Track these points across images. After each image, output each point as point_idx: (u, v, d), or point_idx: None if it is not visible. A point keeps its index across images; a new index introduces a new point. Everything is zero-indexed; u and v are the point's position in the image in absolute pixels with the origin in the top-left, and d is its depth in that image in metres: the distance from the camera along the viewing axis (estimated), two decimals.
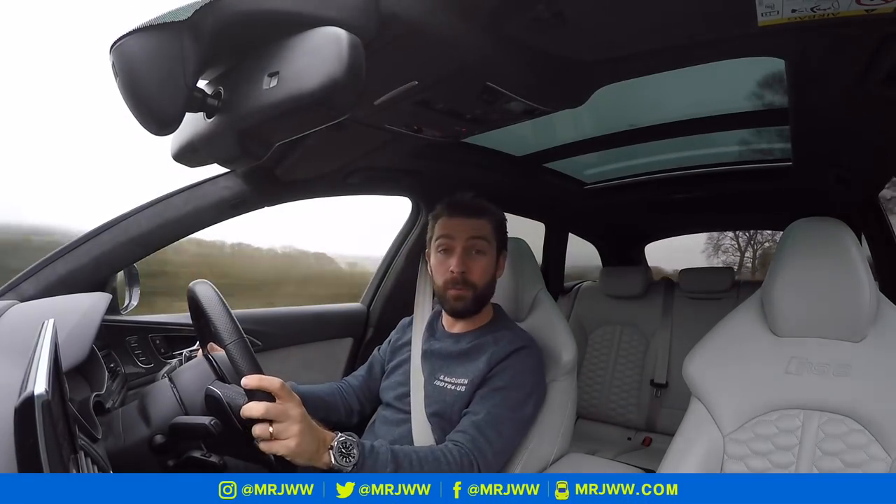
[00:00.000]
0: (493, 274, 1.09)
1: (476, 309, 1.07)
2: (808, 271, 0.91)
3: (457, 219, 1.06)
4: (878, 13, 0.64)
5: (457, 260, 1.03)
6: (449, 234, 1.06)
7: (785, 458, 0.89)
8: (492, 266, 1.08)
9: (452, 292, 1.04)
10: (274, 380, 0.72)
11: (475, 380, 1.00)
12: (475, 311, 1.08)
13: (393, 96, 0.85)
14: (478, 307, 1.08)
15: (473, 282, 1.04)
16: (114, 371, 1.06)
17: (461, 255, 1.04)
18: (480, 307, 1.08)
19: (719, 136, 1.45)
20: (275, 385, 0.72)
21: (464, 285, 1.04)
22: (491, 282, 1.08)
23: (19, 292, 0.98)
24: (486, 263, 1.06)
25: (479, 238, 1.05)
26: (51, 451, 0.43)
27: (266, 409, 0.71)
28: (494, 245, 1.08)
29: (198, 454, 0.83)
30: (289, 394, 0.73)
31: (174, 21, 0.53)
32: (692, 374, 0.99)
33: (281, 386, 0.72)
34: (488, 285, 1.08)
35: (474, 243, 1.05)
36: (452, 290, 1.04)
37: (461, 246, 1.04)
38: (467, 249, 1.04)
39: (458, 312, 1.07)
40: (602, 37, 0.77)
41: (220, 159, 0.74)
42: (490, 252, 1.07)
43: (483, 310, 1.10)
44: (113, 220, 1.08)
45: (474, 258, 1.05)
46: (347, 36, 0.53)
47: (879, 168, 1.42)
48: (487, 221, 1.07)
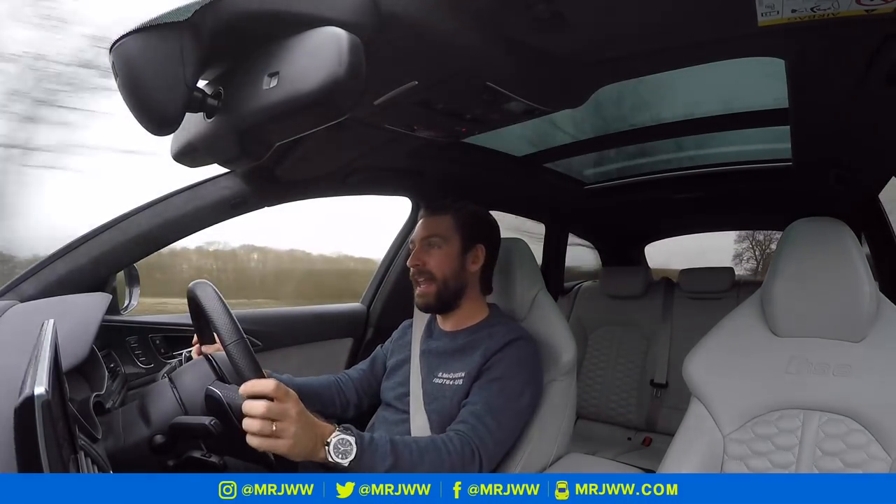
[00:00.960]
0: (459, 265, 1.09)
1: (441, 302, 1.08)
2: (808, 271, 0.91)
3: (422, 219, 1.13)
4: (878, 13, 0.64)
5: (412, 256, 1.09)
6: (414, 235, 1.12)
7: (785, 458, 0.89)
8: (451, 256, 1.08)
9: (417, 289, 1.09)
10: (268, 382, 0.72)
11: (471, 372, 1.01)
12: (442, 306, 1.09)
13: (393, 96, 0.85)
14: (443, 301, 1.08)
15: (430, 271, 1.07)
16: (114, 371, 1.06)
17: (417, 251, 1.09)
18: (450, 300, 1.09)
19: (719, 136, 1.45)
20: (269, 387, 0.72)
21: (422, 277, 1.08)
22: (456, 273, 1.08)
23: (19, 292, 0.98)
24: (442, 254, 1.08)
25: (434, 233, 1.09)
26: (51, 451, 0.43)
27: (267, 408, 0.71)
28: (457, 236, 1.09)
29: (198, 454, 0.83)
30: (286, 393, 0.73)
31: (174, 21, 0.53)
32: (692, 374, 0.99)
33: (276, 387, 0.72)
34: (452, 277, 1.08)
35: (429, 238, 1.09)
36: (417, 287, 1.09)
37: (418, 241, 1.10)
38: (423, 244, 1.09)
39: (424, 307, 1.10)
40: (602, 37, 0.77)
41: (220, 159, 0.74)
42: (450, 244, 1.08)
43: (467, 306, 1.11)
44: (113, 220, 1.08)
45: (429, 251, 1.08)
46: (347, 36, 0.53)
47: (879, 168, 1.42)
48: (449, 216, 1.10)
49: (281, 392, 0.72)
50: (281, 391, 0.73)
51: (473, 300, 1.12)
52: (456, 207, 1.12)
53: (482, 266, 1.12)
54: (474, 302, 1.12)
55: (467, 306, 1.11)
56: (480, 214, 1.15)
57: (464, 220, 1.11)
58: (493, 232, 1.16)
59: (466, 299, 1.11)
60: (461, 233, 1.10)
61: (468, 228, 1.11)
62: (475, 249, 1.11)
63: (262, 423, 0.71)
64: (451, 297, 1.09)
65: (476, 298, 1.12)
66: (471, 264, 1.10)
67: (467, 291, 1.11)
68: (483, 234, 1.13)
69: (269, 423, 0.71)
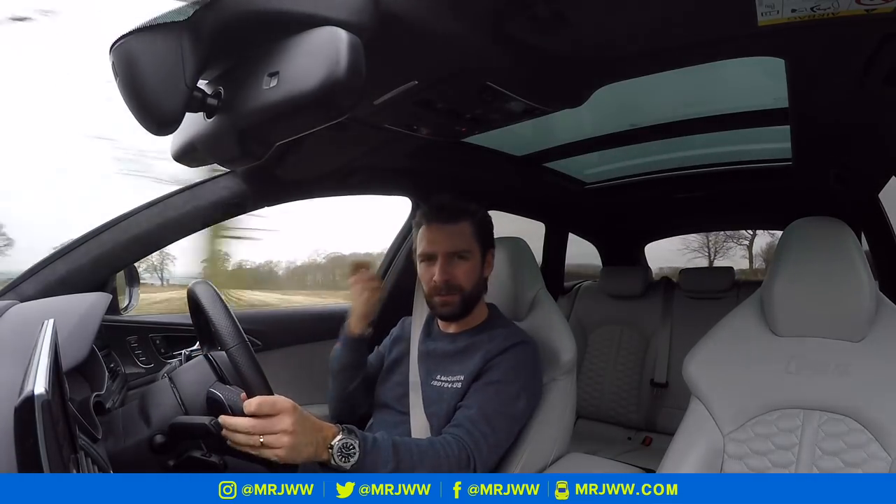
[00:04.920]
0: (480, 274, 1.08)
1: (465, 311, 1.08)
2: (808, 271, 0.91)
3: (436, 226, 1.06)
4: (878, 13, 0.64)
5: (439, 270, 1.03)
6: (430, 243, 1.05)
7: (785, 458, 0.89)
8: (477, 268, 1.07)
9: (438, 299, 1.06)
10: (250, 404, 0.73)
11: (470, 376, 1.00)
12: (464, 314, 1.08)
13: (393, 96, 0.85)
14: (467, 309, 1.08)
15: (459, 285, 1.04)
16: (114, 371, 1.06)
17: (443, 265, 1.03)
18: (470, 308, 1.08)
19: (719, 136, 1.45)
20: (251, 407, 0.73)
21: (448, 291, 1.04)
22: (478, 283, 1.08)
23: (19, 292, 0.98)
24: (469, 267, 1.05)
25: (460, 245, 1.05)
26: (51, 451, 0.43)
27: (251, 425, 0.72)
28: (478, 246, 1.07)
29: (198, 454, 0.83)
30: (273, 407, 0.73)
31: (174, 21, 0.53)
32: (692, 373, 0.99)
33: (258, 406, 0.73)
34: (476, 287, 1.07)
35: (456, 250, 1.04)
36: (437, 297, 1.05)
37: (442, 255, 1.04)
38: (449, 257, 1.04)
39: (446, 317, 1.08)
40: (602, 37, 0.77)
41: (220, 159, 0.74)
42: (474, 255, 1.06)
43: (476, 309, 1.10)
44: (113, 220, 1.08)
45: (457, 264, 1.04)
46: (347, 36, 0.53)
47: (879, 168, 1.43)
48: (468, 224, 1.06)
49: (266, 408, 0.73)
50: (266, 408, 0.73)
51: (479, 303, 1.12)
52: (471, 213, 1.08)
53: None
54: (479, 304, 1.12)
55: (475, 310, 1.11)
56: (488, 218, 1.13)
57: (479, 227, 1.09)
58: (493, 234, 1.15)
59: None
60: (480, 242, 1.08)
61: (484, 236, 1.10)
62: (488, 255, 1.10)
63: (245, 437, 0.73)
64: (474, 304, 1.09)
65: (482, 301, 1.13)
66: (486, 269, 1.10)
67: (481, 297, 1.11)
68: (491, 238, 1.12)
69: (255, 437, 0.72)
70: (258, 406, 0.73)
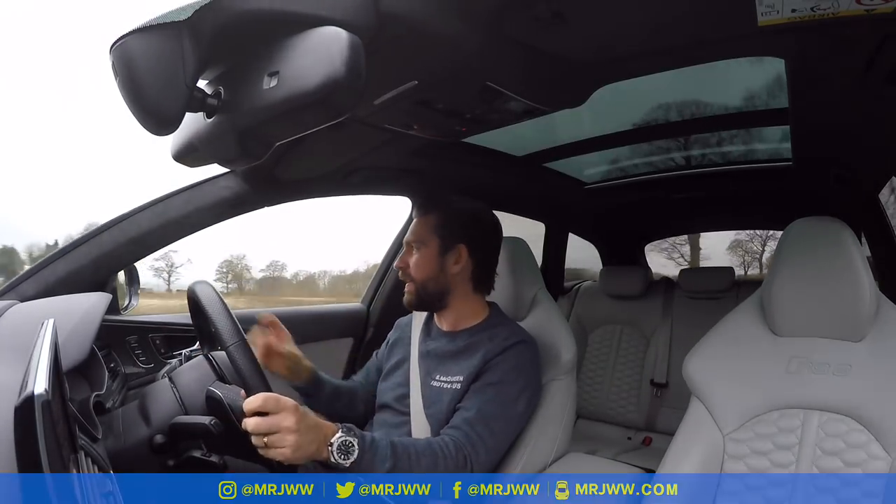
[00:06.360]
0: (438, 267, 1.07)
1: (422, 302, 1.10)
2: (808, 271, 0.91)
3: (414, 217, 1.13)
4: (878, 13, 0.64)
5: (399, 258, 1.11)
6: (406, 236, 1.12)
7: (785, 458, 0.89)
8: (430, 259, 1.07)
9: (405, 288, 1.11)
10: (256, 399, 0.73)
11: (469, 376, 1.00)
12: (423, 305, 1.11)
13: (393, 96, 0.85)
14: (423, 300, 1.09)
15: (410, 274, 1.08)
16: (114, 371, 1.06)
17: (404, 253, 1.11)
18: (431, 301, 1.09)
19: (720, 135, 1.45)
20: (256, 403, 0.72)
21: (405, 279, 1.10)
22: (434, 275, 1.07)
23: (19, 292, 0.98)
24: (420, 256, 1.07)
25: (413, 235, 1.10)
26: (51, 451, 0.43)
27: (256, 424, 0.72)
28: (435, 238, 1.07)
29: (198, 454, 0.82)
30: (277, 404, 0.73)
31: (174, 21, 0.53)
32: (692, 373, 0.99)
33: (264, 401, 0.72)
34: (431, 279, 1.07)
35: (412, 240, 1.10)
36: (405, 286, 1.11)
37: (405, 244, 1.11)
38: (408, 247, 1.10)
39: (408, 305, 1.12)
40: (602, 37, 0.77)
41: (220, 159, 0.74)
42: (429, 246, 1.07)
43: (452, 304, 1.09)
44: (113, 220, 1.08)
45: (412, 253, 1.09)
46: (347, 36, 0.53)
47: (879, 168, 1.43)
48: (433, 216, 1.09)
49: (271, 404, 0.73)
50: (270, 404, 0.73)
51: (465, 300, 1.10)
52: (440, 207, 1.09)
53: (472, 266, 1.09)
54: (468, 302, 1.10)
55: (460, 306, 1.10)
56: (466, 214, 1.11)
57: (444, 220, 1.08)
58: (480, 231, 1.11)
59: (455, 299, 1.09)
60: (439, 234, 1.07)
61: (447, 229, 1.08)
62: (456, 250, 1.07)
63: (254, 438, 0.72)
64: (432, 298, 1.08)
65: (469, 298, 1.10)
66: (452, 265, 1.07)
67: (453, 292, 1.08)
68: (466, 234, 1.09)
69: (260, 437, 0.72)
70: (263, 402, 0.72)
